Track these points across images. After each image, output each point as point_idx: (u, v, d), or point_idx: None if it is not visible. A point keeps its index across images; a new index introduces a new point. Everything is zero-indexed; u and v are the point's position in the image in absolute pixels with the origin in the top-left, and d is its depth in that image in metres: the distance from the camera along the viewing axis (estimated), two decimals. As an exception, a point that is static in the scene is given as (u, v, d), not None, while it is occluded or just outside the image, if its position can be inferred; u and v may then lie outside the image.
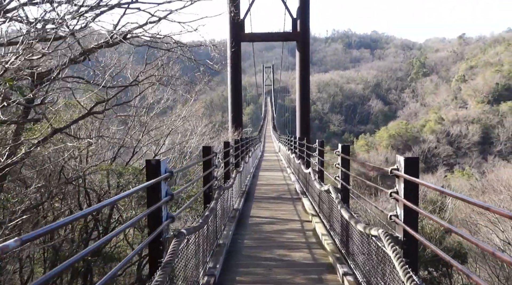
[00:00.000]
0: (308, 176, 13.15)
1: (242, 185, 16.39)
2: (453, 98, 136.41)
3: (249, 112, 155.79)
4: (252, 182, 20.35)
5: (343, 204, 7.01)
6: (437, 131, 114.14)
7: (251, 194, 16.32)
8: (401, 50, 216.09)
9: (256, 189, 18.17)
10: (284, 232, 10.14)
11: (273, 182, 20.71)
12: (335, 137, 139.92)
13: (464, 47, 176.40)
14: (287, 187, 18.57)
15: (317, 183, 10.46)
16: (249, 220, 11.61)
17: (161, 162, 4.96)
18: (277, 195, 16.23)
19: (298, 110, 52.96)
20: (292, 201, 14.55)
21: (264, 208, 13.26)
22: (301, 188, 16.18)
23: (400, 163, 4.78)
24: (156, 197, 4.81)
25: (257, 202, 14.52)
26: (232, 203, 11.68)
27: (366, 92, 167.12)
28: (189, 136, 31.31)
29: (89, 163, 20.48)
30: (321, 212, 10.63)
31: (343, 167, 8.06)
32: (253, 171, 24.78)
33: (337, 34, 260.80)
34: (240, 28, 50.95)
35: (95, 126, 22.59)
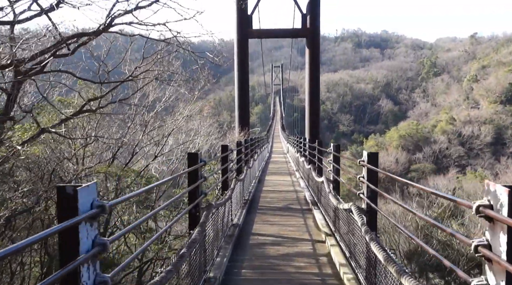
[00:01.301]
0: (321, 185, 11.29)
1: (246, 193, 14.49)
2: (465, 98, 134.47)
3: (258, 111, 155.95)
4: (257, 188, 18.42)
5: (372, 235, 5.10)
6: (448, 131, 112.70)
7: (255, 203, 14.45)
8: (412, 50, 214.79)
9: (261, 196, 16.27)
10: (292, 257, 8.22)
11: (280, 188, 18.77)
12: (344, 137, 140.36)
13: (476, 47, 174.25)
14: (295, 194, 16.65)
15: (333, 196, 8.52)
16: (251, 239, 9.70)
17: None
18: (285, 205, 14.27)
19: (307, 110, 51.00)
20: (302, 213, 12.63)
21: (269, 223, 11.34)
22: (311, 197, 14.28)
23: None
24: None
25: (261, 214, 12.63)
26: (230, 218, 9.78)
27: (376, 92, 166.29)
28: (193, 136, 29.67)
29: (86, 164, 19.25)
30: (337, 232, 8.73)
31: (370, 182, 6.19)
32: (259, 175, 22.90)
33: (347, 34, 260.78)
34: (248, 24, 49.14)
35: (92, 126, 21.16)
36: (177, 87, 25.39)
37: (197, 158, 6.39)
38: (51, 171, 18.07)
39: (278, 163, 33.72)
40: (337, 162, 9.74)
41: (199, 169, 6.59)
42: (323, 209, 11.18)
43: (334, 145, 9.88)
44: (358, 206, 6.30)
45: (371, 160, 6.25)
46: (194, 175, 6.40)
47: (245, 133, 38.97)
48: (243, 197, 13.56)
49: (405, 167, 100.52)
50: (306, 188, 16.71)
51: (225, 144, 9.95)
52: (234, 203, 10.64)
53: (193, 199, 6.33)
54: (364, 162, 6.34)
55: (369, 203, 6.12)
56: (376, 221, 6.36)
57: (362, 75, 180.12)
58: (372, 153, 6.32)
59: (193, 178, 6.37)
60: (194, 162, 6.51)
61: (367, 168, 6.22)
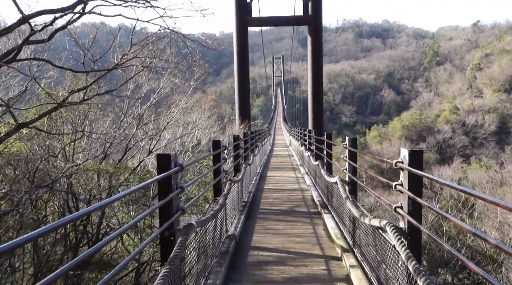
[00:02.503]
0: (332, 186, 9.54)
1: (245, 193, 12.64)
2: (468, 87, 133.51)
3: (259, 104, 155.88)
4: (259, 186, 16.52)
5: (424, 273, 3.33)
6: (452, 121, 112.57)
7: (255, 206, 12.58)
8: (413, 39, 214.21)
9: (263, 197, 14.29)
10: (301, 282, 6.47)
11: (283, 186, 16.79)
12: (346, 128, 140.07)
13: (478, 35, 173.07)
14: (301, 194, 14.69)
15: (353, 204, 6.38)
16: (249, 255, 7.81)
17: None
18: (289, 208, 12.37)
19: (310, 100, 49.14)
20: (310, 218, 10.75)
21: (271, 232, 9.48)
22: (319, 197, 12.37)
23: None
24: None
25: (262, 219, 10.77)
26: (224, 230, 7.97)
27: (378, 82, 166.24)
28: (190, 129, 28.08)
29: (76, 161, 18.06)
30: (357, 247, 6.82)
31: (413, 191, 4.40)
32: (260, 170, 21.04)
33: (348, 24, 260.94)
34: (247, 11, 47.28)
35: (81, 120, 19.71)
36: (171, 77, 23.85)
37: (169, 161, 4.46)
38: (35, 169, 16.86)
39: (280, 157, 31.83)
40: (354, 159, 7.99)
41: (170, 179, 4.63)
42: (336, 214, 9.35)
43: (350, 139, 8.03)
44: (396, 226, 4.50)
45: (414, 161, 4.42)
46: (165, 185, 4.54)
47: (246, 125, 37.21)
48: (242, 199, 11.73)
49: None
50: (312, 186, 14.75)
51: (217, 139, 8.18)
52: (230, 209, 8.86)
53: (165, 218, 4.50)
54: (402, 163, 4.56)
55: (411, 221, 4.33)
56: (421, 247, 4.56)
57: (364, 66, 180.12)
58: (415, 151, 4.43)
59: (165, 189, 4.52)
60: (165, 166, 4.60)
61: (409, 172, 4.42)
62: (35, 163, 16.16)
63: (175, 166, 4.73)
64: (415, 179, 4.43)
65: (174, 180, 4.72)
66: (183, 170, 4.84)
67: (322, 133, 16.22)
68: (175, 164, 4.77)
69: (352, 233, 7.32)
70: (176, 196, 4.78)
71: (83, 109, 19.50)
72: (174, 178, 4.74)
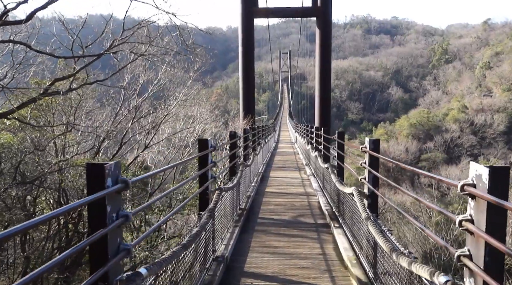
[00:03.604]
0: (345, 195, 7.91)
1: (242, 199, 10.93)
2: (477, 85, 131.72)
3: (265, 99, 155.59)
4: (259, 189, 14.70)
5: None
6: (460, 120, 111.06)
7: (253, 214, 10.83)
8: (422, 36, 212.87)
9: (263, 202, 12.48)
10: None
11: (287, 189, 14.97)
12: (353, 125, 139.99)
13: (489, 33, 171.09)
14: (306, 199, 12.87)
15: (378, 231, 4.65)
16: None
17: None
18: (293, 217, 10.56)
19: (317, 95, 47.38)
20: (317, 233, 9.01)
21: (270, 251, 7.73)
22: (328, 206, 10.73)
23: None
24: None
25: (260, 233, 9.00)
26: (210, 250, 6.27)
27: (385, 79, 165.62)
28: (191, 123, 26.64)
29: (67, 155, 16.87)
30: (378, 282, 5.34)
31: (493, 233, 2.79)
32: (262, 170, 19.26)
33: (356, 20, 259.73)
34: (253, 2, 45.62)
35: (72, 112, 18.48)
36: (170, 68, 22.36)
37: (101, 172, 3.13)
38: (17, 164, 15.80)
39: (285, 155, 30.10)
40: (375, 166, 6.43)
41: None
42: (349, 230, 7.66)
43: (371, 140, 6.55)
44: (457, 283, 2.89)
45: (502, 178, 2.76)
46: (96, 217, 3.19)
47: (249, 120, 35.53)
48: (238, 207, 10.07)
49: (415, 156, 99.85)
50: (320, 191, 13.01)
51: (204, 138, 6.71)
52: (220, 223, 7.23)
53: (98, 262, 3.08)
54: (475, 187, 2.91)
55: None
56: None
57: (372, 62, 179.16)
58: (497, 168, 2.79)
59: (95, 223, 3.16)
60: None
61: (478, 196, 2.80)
62: (21, 156, 15.23)
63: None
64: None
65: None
66: (129, 188, 3.31)
67: (329, 130, 14.62)
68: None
69: (373, 262, 5.67)
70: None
71: (74, 100, 18.21)
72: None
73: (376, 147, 6.51)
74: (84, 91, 18.58)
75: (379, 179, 6.54)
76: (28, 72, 17.09)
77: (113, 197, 3.10)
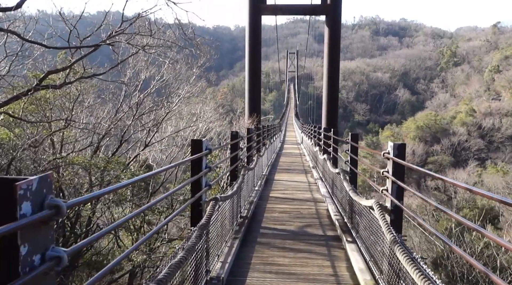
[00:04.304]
0: (360, 207, 6.96)
1: (243, 206, 9.94)
2: (486, 89, 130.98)
3: (272, 99, 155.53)
4: (263, 193, 13.62)
5: None
6: (468, 123, 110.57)
7: (256, 224, 9.72)
8: (431, 39, 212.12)
9: (267, 209, 11.37)
10: None
11: (293, 194, 13.88)
12: (359, 126, 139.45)
13: (498, 36, 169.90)
14: (314, 206, 11.74)
15: (406, 256, 3.65)
16: None
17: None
18: (300, 228, 9.42)
19: (325, 95, 46.35)
20: (327, 247, 7.90)
21: (273, 270, 6.64)
22: (338, 215, 9.69)
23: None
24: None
25: (263, 246, 7.91)
26: (202, 272, 5.25)
27: (393, 81, 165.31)
28: (194, 121, 25.87)
29: (62, 154, 16.60)
30: None
31: None
32: (266, 172, 18.18)
33: (364, 21, 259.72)
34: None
35: (69, 108, 17.86)
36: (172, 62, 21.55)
37: None
38: (9, 162, 15.29)
39: (291, 156, 29.07)
40: (400, 176, 5.51)
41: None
42: (364, 247, 6.55)
43: (396, 145, 5.58)
44: None
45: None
46: None
47: (254, 120, 34.56)
48: (239, 215, 9.09)
49: (422, 159, 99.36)
50: (329, 197, 11.91)
51: (197, 138, 5.67)
52: (216, 239, 6.22)
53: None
54: None
55: None
56: None
57: (379, 64, 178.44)
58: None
59: None
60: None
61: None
62: (15, 152, 14.69)
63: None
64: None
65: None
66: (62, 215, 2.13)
67: (336, 131, 13.60)
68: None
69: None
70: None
71: (73, 95, 17.48)
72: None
73: (401, 153, 5.62)
74: (82, 86, 17.89)
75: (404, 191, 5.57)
76: (25, 65, 16.48)
77: (33, 231, 1.96)
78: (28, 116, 16.35)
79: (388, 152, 5.77)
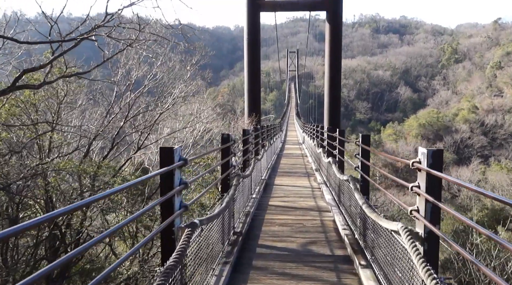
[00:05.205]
0: (376, 226, 5.61)
1: (238, 220, 8.52)
2: (488, 85, 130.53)
3: (272, 98, 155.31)
4: (261, 201, 12.21)
5: None
6: (470, 120, 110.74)
7: (252, 241, 8.24)
8: (432, 36, 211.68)
9: (265, 221, 9.89)
10: None
11: (294, 202, 12.38)
12: (361, 125, 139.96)
13: (499, 32, 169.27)
14: (319, 217, 10.30)
15: None
16: None
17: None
18: (303, 245, 7.88)
19: (326, 94, 45.18)
20: (336, 273, 6.42)
21: None
22: (346, 228, 8.24)
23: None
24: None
25: (259, 272, 6.48)
26: None
27: (394, 79, 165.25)
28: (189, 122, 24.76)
29: (47, 159, 15.29)
30: None
31: None
32: (266, 176, 16.75)
33: (365, 19, 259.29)
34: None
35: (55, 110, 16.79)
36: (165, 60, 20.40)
37: None
38: None
39: (292, 157, 27.72)
40: (436, 193, 4.18)
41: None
42: (383, 275, 5.31)
43: (431, 152, 4.22)
44: None
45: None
46: None
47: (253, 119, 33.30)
48: (232, 231, 7.66)
49: None
50: (334, 205, 10.46)
51: (167, 146, 4.20)
52: (197, 269, 4.84)
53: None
54: None
55: None
56: None
57: (380, 62, 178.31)
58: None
59: None
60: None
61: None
62: None
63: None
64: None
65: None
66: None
67: (342, 131, 12.24)
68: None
69: None
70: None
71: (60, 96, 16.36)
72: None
73: (438, 161, 4.24)
74: (70, 86, 16.76)
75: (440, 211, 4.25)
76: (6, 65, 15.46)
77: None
78: (11, 120, 15.39)
79: (419, 160, 4.45)
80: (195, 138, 24.49)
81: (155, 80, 20.99)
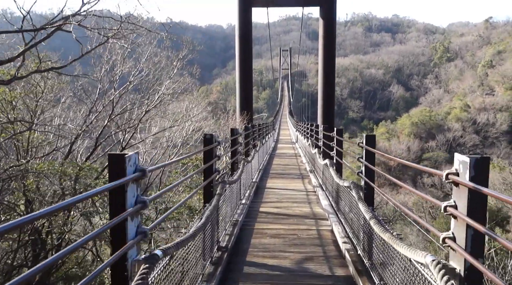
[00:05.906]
0: (387, 245, 4.59)
1: (222, 233, 7.20)
2: (480, 84, 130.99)
3: (265, 97, 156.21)
4: (252, 208, 11.16)
5: None
6: (462, 119, 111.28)
7: (239, 258, 7.31)
8: (424, 35, 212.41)
9: (255, 232, 8.78)
10: None
11: (288, 208, 11.31)
12: (354, 124, 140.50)
13: (490, 31, 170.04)
14: (315, 226, 9.19)
15: None
16: None
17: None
18: (297, 263, 6.97)
19: (320, 92, 44.31)
20: None
21: None
22: (348, 243, 7.15)
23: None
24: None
25: None
26: None
27: (386, 77, 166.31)
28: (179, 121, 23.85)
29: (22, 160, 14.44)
30: None
31: None
32: (257, 179, 15.63)
33: (357, 18, 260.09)
34: (251, -11, 42.58)
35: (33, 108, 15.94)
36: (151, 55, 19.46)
37: None
38: None
39: (285, 157, 26.72)
40: (480, 216, 3.05)
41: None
42: None
43: (474, 161, 3.13)
44: None
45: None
46: None
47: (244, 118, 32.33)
48: (216, 246, 6.50)
49: (417, 156, 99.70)
50: (332, 212, 9.35)
51: (116, 152, 3.20)
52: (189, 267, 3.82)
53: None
54: None
55: None
56: None
57: (373, 60, 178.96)
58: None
59: None
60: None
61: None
62: None
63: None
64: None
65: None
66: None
67: (340, 131, 11.24)
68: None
69: None
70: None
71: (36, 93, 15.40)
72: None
73: (482, 174, 3.12)
74: (46, 83, 15.77)
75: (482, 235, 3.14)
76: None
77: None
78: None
79: (456, 171, 3.37)
80: (184, 137, 23.54)
81: (140, 76, 20.05)
